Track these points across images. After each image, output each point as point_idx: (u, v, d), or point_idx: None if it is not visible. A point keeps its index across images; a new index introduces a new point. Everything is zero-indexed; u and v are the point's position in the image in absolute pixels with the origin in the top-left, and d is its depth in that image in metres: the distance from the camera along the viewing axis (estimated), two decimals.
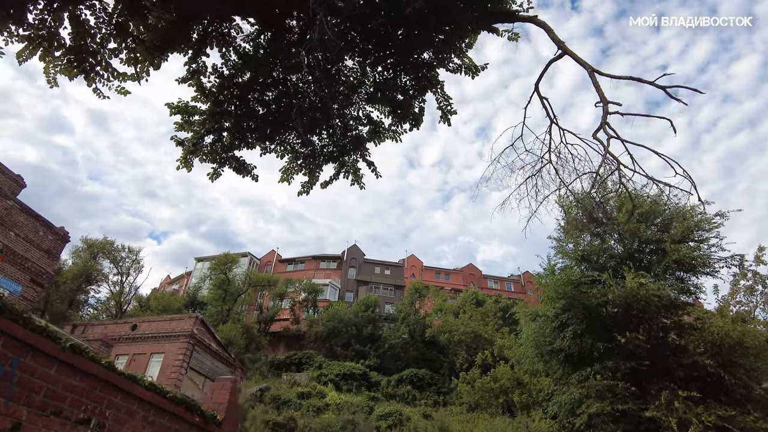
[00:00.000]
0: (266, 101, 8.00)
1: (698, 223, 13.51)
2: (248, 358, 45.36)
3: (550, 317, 14.28)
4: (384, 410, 29.93)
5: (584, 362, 13.00)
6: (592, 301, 13.10)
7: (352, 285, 67.41)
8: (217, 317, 47.89)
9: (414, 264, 73.02)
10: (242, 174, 8.57)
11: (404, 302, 52.20)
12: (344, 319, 48.74)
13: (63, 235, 18.98)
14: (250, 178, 8.78)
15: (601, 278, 13.08)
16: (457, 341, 40.48)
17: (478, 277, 72.34)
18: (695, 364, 11.92)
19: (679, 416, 10.64)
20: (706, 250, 13.49)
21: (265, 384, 37.04)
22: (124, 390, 5.04)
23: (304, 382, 39.11)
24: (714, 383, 11.82)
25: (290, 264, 71.50)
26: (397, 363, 44.40)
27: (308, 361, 44.05)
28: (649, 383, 11.95)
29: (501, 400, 26.13)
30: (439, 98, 7.78)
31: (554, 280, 13.78)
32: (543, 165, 6.46)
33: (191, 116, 8.06)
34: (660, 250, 13.71)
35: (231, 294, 51.65)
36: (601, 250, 14.58)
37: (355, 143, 8.76)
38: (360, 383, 39.39)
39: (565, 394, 12.55)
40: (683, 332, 12.98)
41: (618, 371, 12.09)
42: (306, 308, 56.17)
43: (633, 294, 12.30)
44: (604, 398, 11.63)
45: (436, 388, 39.16)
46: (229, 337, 43.12)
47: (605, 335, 12.91)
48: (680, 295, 13.77)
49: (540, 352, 13.92)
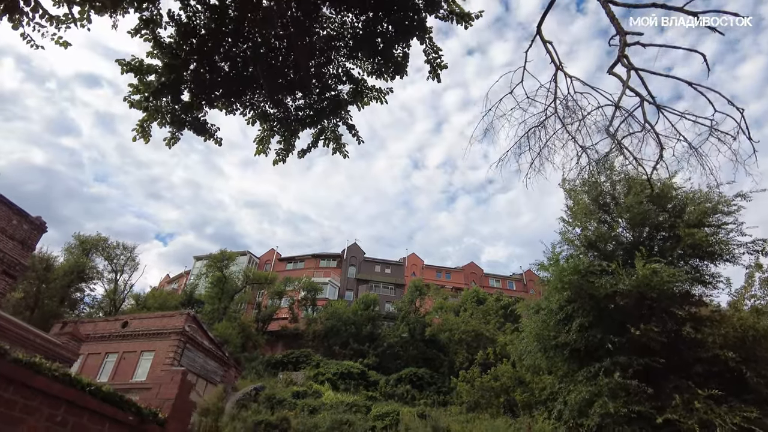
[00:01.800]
0: (233, 56, 6.95)
1: (715, 206, 12.38)
2: (244, 357, 44.40)
3: (554, 310, 13.17)
4: (381, 410, 28.81)
5: (592, 358, 11.88)
6: (601, 292, 11.99)
7: (352, 284, 66.34)
8: (214, 315, 46.94)
9: (415, 263, 71.93)
10: (203, 135, 7.55)
11: (404, 300, 51.06)
12: (343, 317, 47.73)
13: (39, 224, 17.98)
14: (213, 141, 7.74)
15: (610, 268, 11.98)
16: (457, 340, 39.38)
17: (480, 276, 71.20)
18: (715, 359, 10.81)
19: (700, 417, 9.53)
20: (724, 236, 12.35)
21: (261, 383, 35.98)
22: (17, 381, 3.97)
23: (300, 381, 38.07)
24: (736, 380, 10.71)
25: (290, 262, 70.51)
26: (397, 362, 43.33)
27: (305, 360, 43.00)
28: (664, 381, 10.84)
29: (502, 399, 24.99)
30: (427, 49, 6.79)
31: (559, 268, 12.68)
32: (547, 117, 5.39)
33: (147, 76, 7.00)
34: (673, 236, 12.58)
35: (227, 292, 50.72)
36: (609, 237, 13.46)
37: (334, 105, 7.74)
38: (358, 382, 38.30)
39: (572, 393, 11.41)
40: (700, 325, 11.87)
41: (630, 367, 10.96)
42: (305, 307, 55.27)
43: (645, 282, 11.20)
44: (617, 397, 10.51)
45: (436, 387, 38.03)
46: (225, 336, 42.20)
47: (615, 328, 11.80)
48: (696, 285, 12.64)
49: (543, 347, 12.79)
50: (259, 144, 7.79)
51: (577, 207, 14.12)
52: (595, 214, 13.96)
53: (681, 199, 13.40)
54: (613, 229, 13.81)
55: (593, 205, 14.26)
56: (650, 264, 11.21)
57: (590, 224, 13.85)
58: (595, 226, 13.87)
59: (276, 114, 7.66)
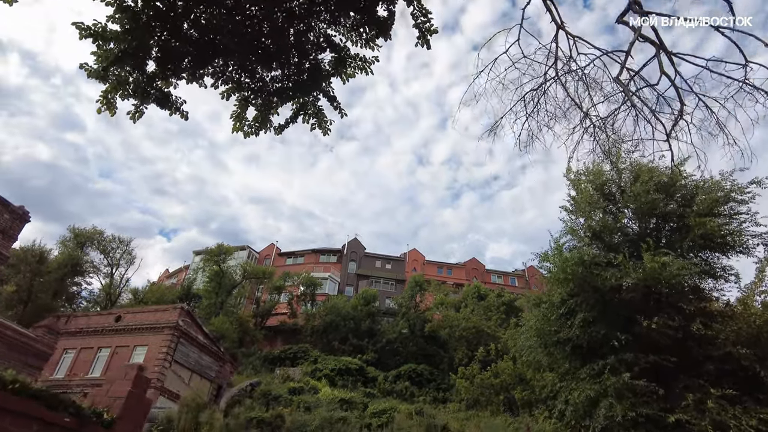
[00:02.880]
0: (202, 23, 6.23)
1: (728, 194, 11.62)
2: (241, 353, 43.85)
3: (556, 303, 12.46)
4: (378, 407, 28.19)
5: (595, 355, 11.17)
6: (606, 285, 11.27)
7: (352, 279, 65.64)
8: (211, 310, 46.38)
9: (416, 258, 71.16)
10: (167, 108, 6.81)
11: (404, 296, 50.33)
12: (342, 313, 47.10)
13: (22, 214, 17.36)
14: (179, 115, 7.00)
15: (616, 260, 11.26)
16: (457, 336, 38.70)
17: (482, 272, 70.39)
18: (727, 356, 10.10)
19: (713, 418, 8.83)
20: (737, 226, 11.60)
21: (257, 379, 35.38)
22: None
23: (297, 377, 37.50)
24: (750, 379, 9.99)
25: (290, 257, 69.89)
26: (396, 358, 42.70)
27: (303, 356, 42.41)
28: (674, 380, 10.13)
29: (502, 397, 24.32)
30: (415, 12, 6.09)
31: (562, 259, 11.97)
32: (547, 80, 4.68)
33: (108, 43, 6.27)
34: (683, 226, 11.83)
35: (225, 287, 50.17)
36: (614, 228, 12.73)
37: (313, 76, 7.00)
38: (356, 378, 37.69)
39: (576, 392, 10.69)
40: (711, 320, 11.15)
41: (637, 365, 10.25)
42: (304, 302, 54.71)
43: (653, 276, 10.48)
44: (624, 398, 9.79)
45: (435, 384, 37.38)
46: (221, 331, 41.67)
47: (620, 324, 11.08)
48: (706, 279, 11.91)
49: (543, 343, 12.09)
50: (236, 120, 7.08)
51: (581, 196, 13.37)
52: (600, 204, 13.20)
53: (690, 188, 12.64)
54: (619, 220, 13.07)
55: (597, 194, 13.51)
56: (659, 257, 10.47)
57: (594, 214, 13.11)
58: (599, 216, 13.12)
59: (250, 84, 6.96)
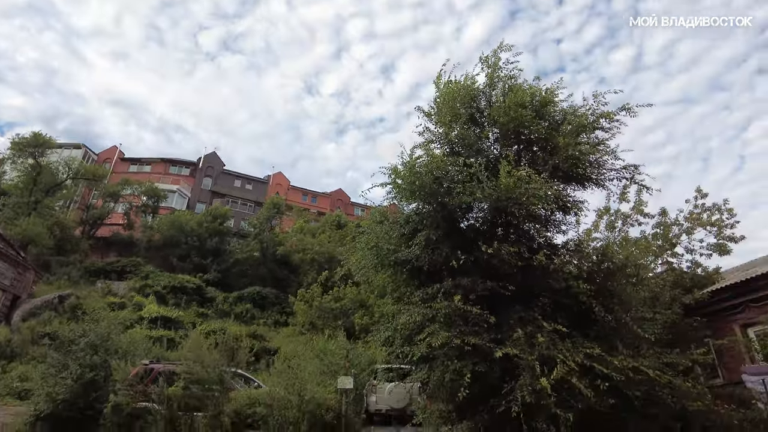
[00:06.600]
0: None
1: (597, 119, 10.64)
2: (58, 261, 37.65)
3: (401, 222, 10.80)
4: (207, 327, 25.68)
5: (433, 278, 9.79)
6: (454, 202, 9.76)
7: (206, 196, 60.17)
8: (20, 209, 38.71)
9: (280, 182, 67.54)
10: None
11: (259, 217, 47.17)
12: (186, 228, 42.70)
13: None
14: None
15: (470, 168, 9.72)
16: (309, 260, 37.07)
17: (346, 203, 69.44)
18: (567, 290, 9.29)
19: (542, 353, 7.89)
20: (600, 157, 10.75)
21: (69, 291, 30.33)
22: None
23: (121, 293, 33.14)
24: (582, 314, 9.35)
25: (134, 164, 61.57)
26: (243, 280, 40.09)
27: (134, 270, 37.75)
28: (510, 311, 9.11)
29: (340, 321, 23.25)
30: None
31: (413, 172, 10.18)
32: None
33: None
34: (549, 148, 10.67)
35: (43, 185, 42.31)
36: (475, 144, 11.19)
37: None
38: (191, 298, 34.48)
39: (404, 314, 9.25)
40: (555, 252, 10.34)
41: (474, 292, 9.02)
42: (144, 214, 48.81)
43: (507, 194, 9.13)
44: (453, 325, 8.50)
45: (279, 308, 35.73)
46: (31, 234, 35.04)
47: (465, 247, 9.74)
48: (557, 212, 11.05)
49: (381, 263, 10.47)
50: None
51: (444, 101, 11.53)
52: (464, 115, 11.52)
53: (560, 112, 11.48)
54: (480, 138, 11.56)
55: (463, 108, 11.76)
56: (516, 170, 9.11)
57: (456, 126, 11.42)
58: (460, 130, 11.46)
59: None
